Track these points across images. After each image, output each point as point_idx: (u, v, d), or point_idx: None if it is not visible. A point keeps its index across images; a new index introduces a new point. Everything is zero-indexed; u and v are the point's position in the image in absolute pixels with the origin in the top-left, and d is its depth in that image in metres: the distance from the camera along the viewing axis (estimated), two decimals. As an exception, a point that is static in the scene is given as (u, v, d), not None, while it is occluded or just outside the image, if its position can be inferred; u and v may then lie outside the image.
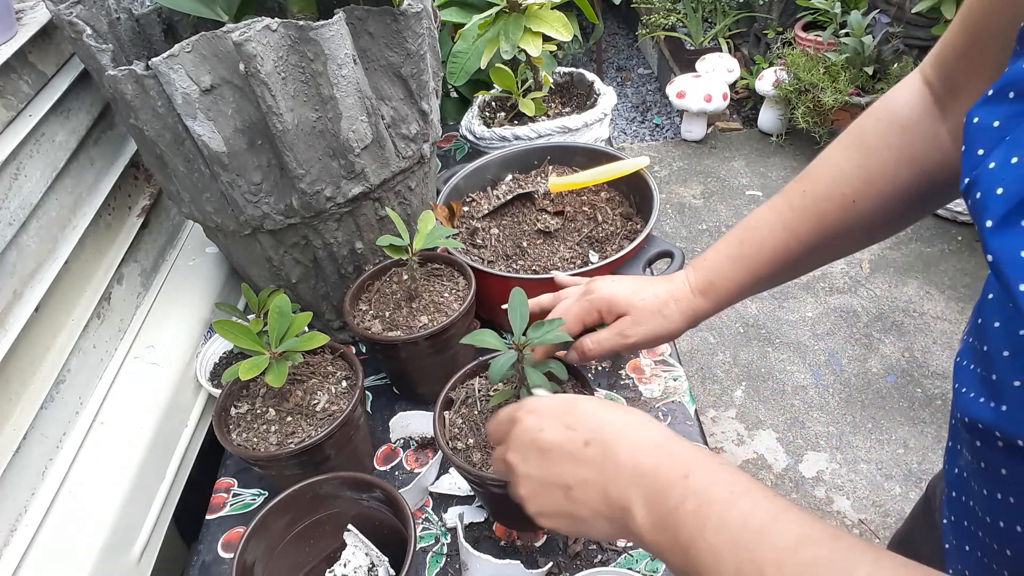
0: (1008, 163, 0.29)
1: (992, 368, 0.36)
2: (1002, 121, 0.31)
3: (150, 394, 0.81)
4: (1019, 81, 0.31)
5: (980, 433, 0.37)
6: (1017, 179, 0.28)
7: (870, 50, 2.55)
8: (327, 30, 0.68)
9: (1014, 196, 0.28)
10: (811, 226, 0.57)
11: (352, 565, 0.65)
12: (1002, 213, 0.29)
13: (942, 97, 0.51)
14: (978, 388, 0.38)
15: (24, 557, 0.64)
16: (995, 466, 0.37)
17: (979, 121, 0.33)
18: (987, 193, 0.30)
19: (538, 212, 0.99)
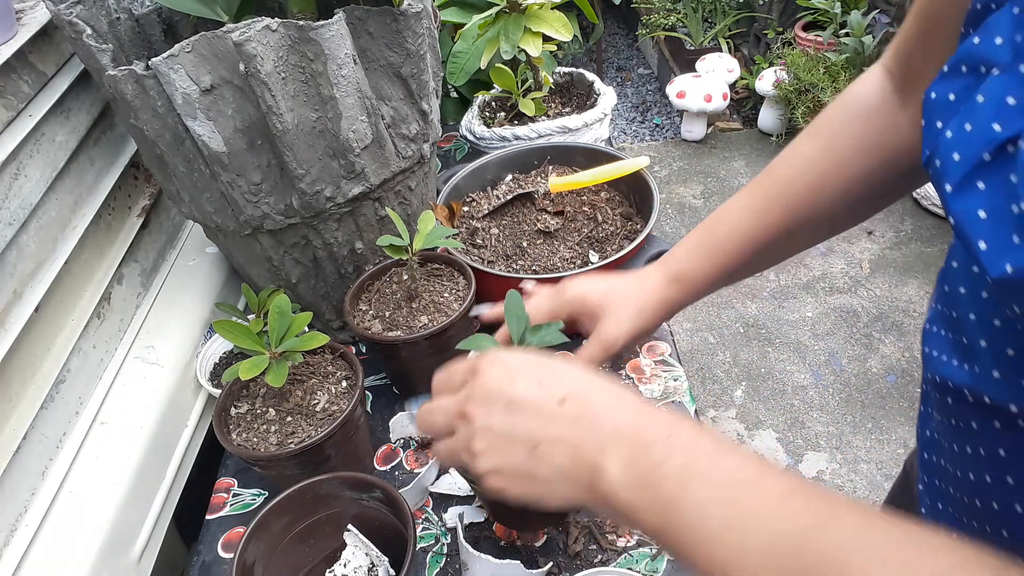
0: (963, 130, 0.31)
1: (962, 332, 0.38)
2: (956, 94, 0.33)
3: (150, 394, 0.81)
4: (970, 56, 0.33)
5: (952, 392, 0.39)
6: (972, 144, 0.30)
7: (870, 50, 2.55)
8: (327, 30, 0.68)
9: (970, 160, 0.30)
10: (778, 212, 0.58)
11: (352, 565, 0.65)
12: (960, 177, 0.30)
13: (902, 86, 0.53)
14: (949, 351, 0.39)
15: (24, 557, 0.64)
16: (966, 421, 0.39)
17: (936, 96, 0.35)
18: (945, 160, 0.31)
19: (538, 212, 0.99)
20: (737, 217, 0.60)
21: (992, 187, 0.29)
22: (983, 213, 0.29)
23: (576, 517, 0.71)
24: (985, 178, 0.29)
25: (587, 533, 0.70)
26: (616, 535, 0.69)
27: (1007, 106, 0.29)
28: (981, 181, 0.29)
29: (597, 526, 0.70)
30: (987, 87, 0.30)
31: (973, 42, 0.32)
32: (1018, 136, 0.28)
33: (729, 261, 0.61)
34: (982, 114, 0.30)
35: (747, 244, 0.60)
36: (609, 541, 0.69)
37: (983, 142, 0.29)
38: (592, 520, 0.71)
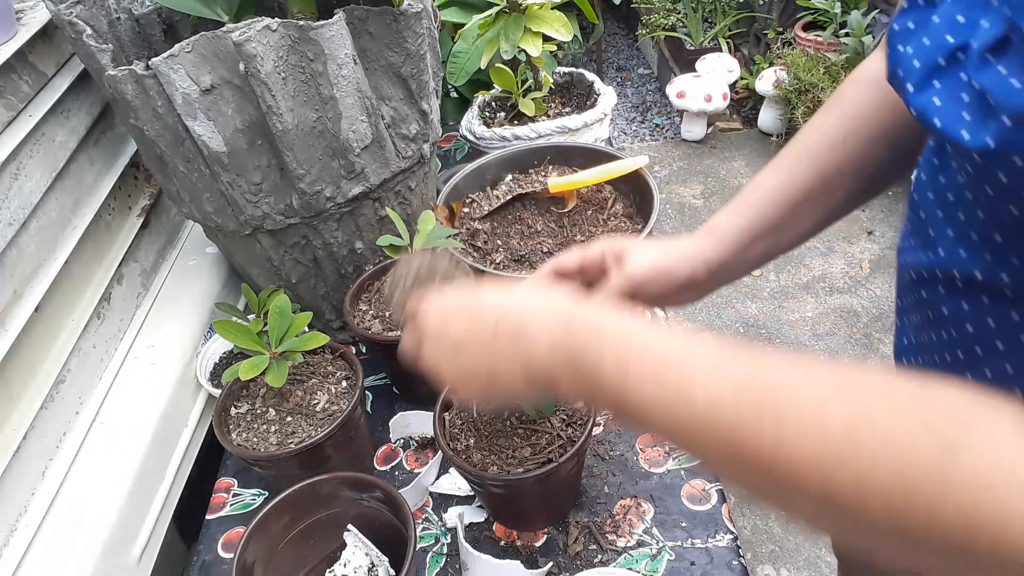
0: (922, 44, 0.38)
1: (928, 229, 0.45)
2: (915, 22, 0.39)
3: (150, 394, 0.81)
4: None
5: (923, 283, 0.45)
6: (929, 53, 0.37)
7: (870, 50, 2.55)
8: (327, 30, 0.68)
9: (927, 64, 0.37)
10: (805, 167, 0.60)
11: (352, 565, 0.65)
12: (919, 79, 0.37)
13: None
14: (918, 249, 0.46)
15: (24, 557, 0.64)
16: (937, 309, 0.45)
17: (898, 27, 0.41)
18: (907, 67, 0.38)
19: (538, 212, 0.99)
20: (767, 175, 0.62)
21: (945, 83, 0.36)
22: (937, 100, 0.36)
23: (576, 517, 0.71)
24: (940, 77, 0.36)
25: (587, 533, 0.70)
26: (616, 535, 0.69)
27: (957, 23, 0.36)
28: (936, 80, 0.36)
29: (597, 526, 0.70)
30: (940, 10, 0.37)
31: None
32: (966, 44, 0.35)
33: (763, 210, 0.61)
34: (937, 30, 0.37)
35: (778, 198, 0.61)
36: (609, 541, 0.69)
37: (938, 49, 0.36)
38: (592, 520, 0.71)
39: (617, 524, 0.70)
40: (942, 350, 0.46)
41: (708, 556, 0.66)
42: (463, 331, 0.44)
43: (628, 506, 0.71)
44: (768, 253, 0.63)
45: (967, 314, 0.43)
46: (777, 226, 0.61)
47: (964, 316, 0.43)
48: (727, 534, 0.68)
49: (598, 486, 0.74)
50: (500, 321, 0.43)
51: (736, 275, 0.63)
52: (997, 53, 0.32)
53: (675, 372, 0.35)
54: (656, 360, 0.36)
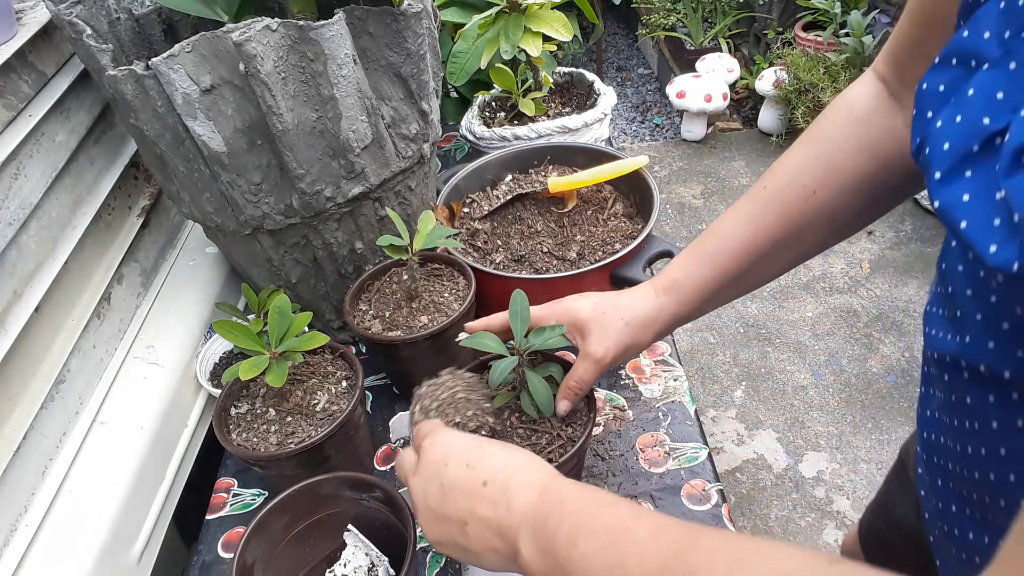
0: (953, 121, 0.32)
1: (956, 307, 0.40)
2: (947, 85, 0.35)
3: (150, 394, 0.81)
4: (960, 48, 0.34)
5: (948, 366, 0.41)
6: (962, 135, 0.31)
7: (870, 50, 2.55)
8: (327, 30, 0.68)
9: (958, 151, 0.31)
10: (774, 217, 0.57)
11: (352, 565, 0.65)
12: (948, 166, 0.32)
13: (897, 90, 0.52)
14: (945, 327, 0.42)
15: (24, 557, 0.64)
16: (961, 396, 0.41)
17: (927, 87, 0.36)
18: (934, 149, 0.33)
19: (538, 212, 0.99)
20: (730, 224, 0.59)
21: (978, 175, 0.30)
22: (967, 196, 0.30)
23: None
24: (972, 167, 0.31)
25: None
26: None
27: (996, 100, 0.30)
28: (968, 170, 0.31)
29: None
30: (977, 80, 0.32)
31: (962, 35, 0.34)
32: (1005, 129, 0.29)
33: (724, 268, 0.59)
34: (972, 106, 0.31)
35: (742, 250, 0.58)
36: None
37: (972, 133, 0.31)
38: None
39: None
40: (964, 441, 0.42)
41: (708, 556, 0.66)
42: (455, 474, 0.46)
43: (628, 506, 0.71)
44: (735, 296, 0.62)
45: (993, 409, 0.38)
46: (741, 276, 0.60)
47: (990, 410, 0.39)
48: (727, 534, 0.68)
49: (598, 486, 0.74)
50: (488, 483, 0.45)
51: (702, 315, 0.63)
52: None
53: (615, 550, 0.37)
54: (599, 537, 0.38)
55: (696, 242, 0.62)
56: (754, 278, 0.61)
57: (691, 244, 0.62)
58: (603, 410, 0.82)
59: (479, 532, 0.44)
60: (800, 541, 1.63)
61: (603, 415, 0.81)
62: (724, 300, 0.62)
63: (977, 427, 0.40)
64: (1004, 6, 0.31)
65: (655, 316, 0.61)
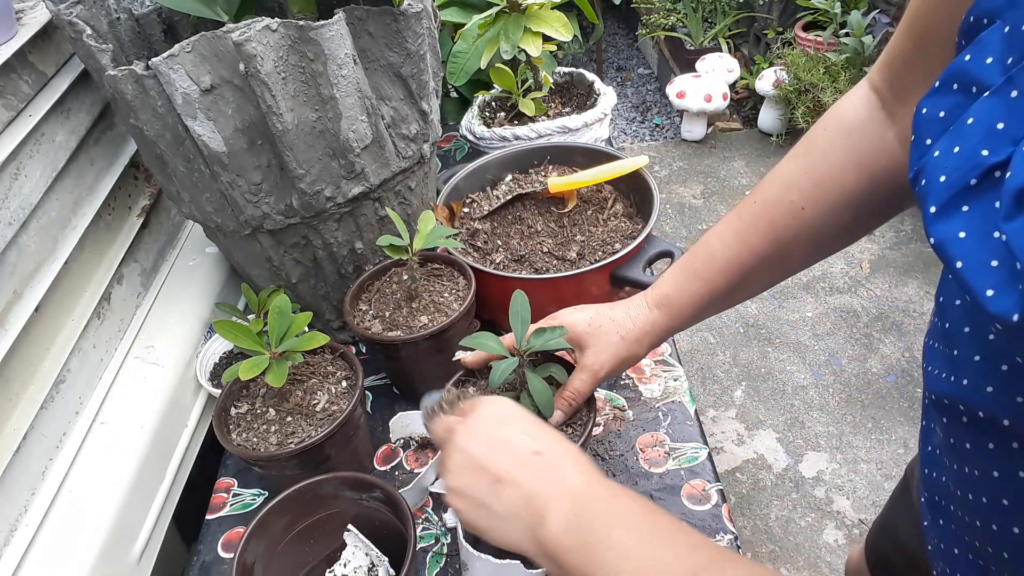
0: (951, 152, 0.31)
1: (953, 344, 0.38)
2: (947, 111, 0.33)
3: (150, 394, 0.81)
4: (961, 73, 0.32)
5: (946, 409, 0.39)
6: (958, 167, 0.30)
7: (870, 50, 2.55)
8: (327, 30, 0.68)
9: (955, 184, 0.30)
10: (761, 234, 0.57)
11: (352, 565, 0.65)
12: (944, 200, 0.30)
13: (890, 103, 0.51)
14: (942, 366, 0.40)
15: (24, 557, 0.64)
16: (960, 441, 0.39)
17: (927, 112, 0.34)
18: (931, 180, 0.31)
19: (538, 212, 0.99)
20: (719, 240, 0.60)
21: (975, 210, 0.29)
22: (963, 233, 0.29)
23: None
24: (970, 201, 0.29)
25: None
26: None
27: (996, 131, 0.29)
28: (965, 204, 0.29)
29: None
30: (977, 109, 0.30)
31: (964, 59, 0.32)
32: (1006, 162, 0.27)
33: (714, 283, 0.60)
34: (971, 137, 0.30)
35: (731, 266, 0.59)
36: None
37: (970, 166, 0.29)
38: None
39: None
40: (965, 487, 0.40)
41: (708, 556, 0.66)
42: (509, 434, 0.46)
43: (628, 506, 0.71)
44: (729, 307, 0.64)
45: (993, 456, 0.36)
46: (731, 290, 0.61)
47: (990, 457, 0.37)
48: (727, 534, 0.68)
49: (598, 486, 0.74)
50: (542, 454, 0.45)
51: (695, 324, 0.65)
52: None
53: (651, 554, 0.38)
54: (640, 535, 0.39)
55: (688, 256, 0.63)
56: (744, 291, 0.62)
57: (683, 257, 0.64)
58: (603, 410, 0.82)
59: (510, 494, 0.44)
60: (800, 541, 1.63)
61: (603, 415, 0.81)
62: (717, 311, 0.64)
63: (977, 474, 0.38)
64: (1008, 31, 0.30)
65: (648, 330, 0.64)
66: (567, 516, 0.41)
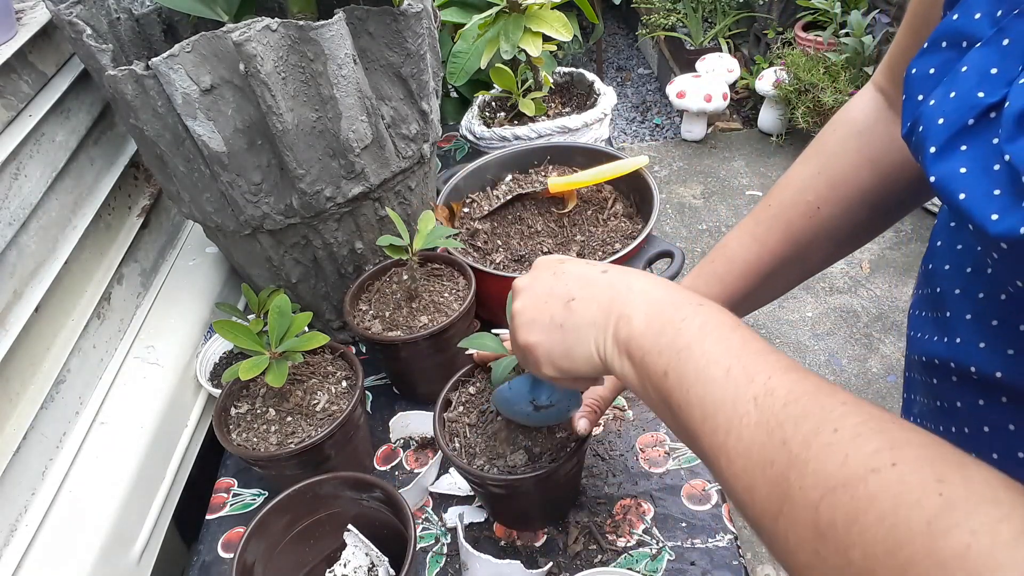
0: (947, 97, 0.32)
1: (944, 307, 0.38)
2: (937, 68, 0.34)
3: (150, 394, 0.81)
4: (950, 31, 0.34)
5: (935, 370, 0.40)
6: (956, 109, 0.31)
7: (870, 50, 2.55)
8: (327, 30, 0.68)
9: (954, 124, 0.31)
10: (779, 236, 0.58)
11: (352, 565, 0.65)
12: (944, 139, 0.31)
13: (896, 101, 0.52)
14: (931, 329, 0.40)
15: (24, 557, 0.64)
16: (951, 401, 0.39)
17: (916, 71, 0.35)
18: (929, 125, 0.32)
19: (538, 212, 0.99)
20: (737, 245, 0.60)
21: (974, 148, 0.30)
22: (964, 169, 0.30)
23: (576, 517, 0.71)
24: (968, 141, 0.30)
25: (587, 533, 0.70)
26: (616, 535, 0.69)
27: (990, 76, 0.30)
28: (964, 144, 0.30)
29: (597, 526, 0.70)
30: (970, 58, 0.31)
31: (952, 18, 0.34)
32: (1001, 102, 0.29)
33: (734, 286, 0.60)
34: (966, 82, 0.31)
35: (750, 270, 0.59)
36: (609, 541, 0.69)
37: (967, 107, 0.31)
38: (592, 520, 0.71)
39: (617, 524, 0.70)
40: None
41: (708, 556, 0.66)
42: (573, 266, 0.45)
43: (628, 506, 0.72)
44: (747, 311, 0.64)
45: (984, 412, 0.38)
46: (751, 294, 0.61)
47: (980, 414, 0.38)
48: (727, 534, 0.68)
49: (598, 486, 0.74)
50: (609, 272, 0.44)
51: None
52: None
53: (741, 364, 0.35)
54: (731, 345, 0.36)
55: (706, 262, 0.63)
56: (764, 294, 0.62)
57: (701, 264, 0.63)
58: (603, 410, 0.82)
59: (585, 306, 0.42)
60: (800, 541, 1.63)
61: (603, 415, 0.81)
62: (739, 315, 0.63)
63: (968, 432, 0.39)
64: None
65: None
66: (648, 316, 0.39)
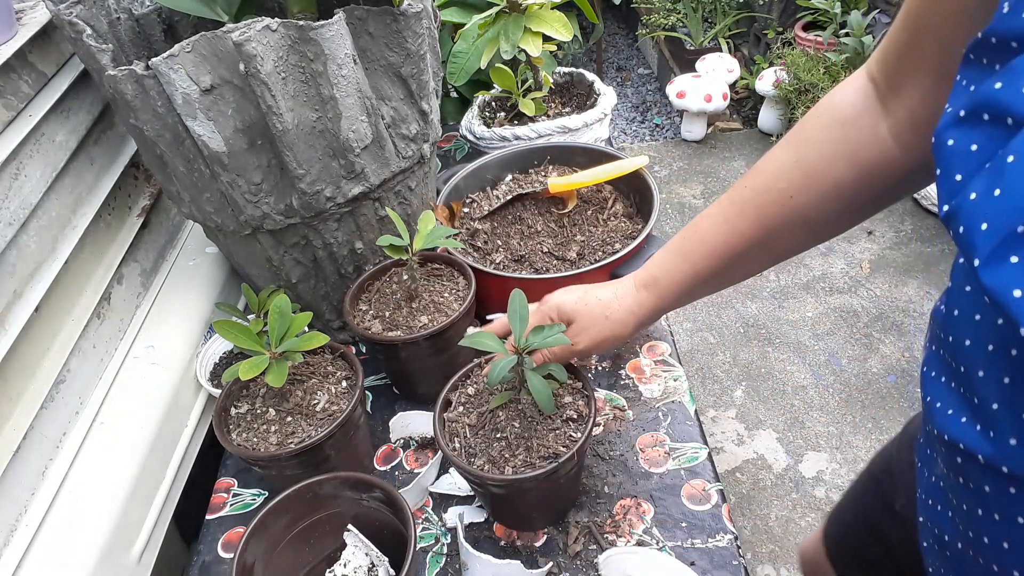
0: (991, 195, 0.28)
1: (971, 389, 0.34)
2: (979, 144, 0.30)
3: (150, 394, 0.81)
4: (991, 102, 0.30)
5: (962, 452, 0.36)
6: (1001, 213, 0.27)
7: (870, 50, 2.55)
8: (327, 30, 0.68)
9: (1000, 231, 0.27)
10: (750, 220, 0.58)
11: (352, 565, 0.65)
12: (989, 250, 0.28)
13: (885, 94, 0.51)
14: (957, 406, 0.36)
15: (24, 557, 0.64)
16: (977, 483, 0.36)
17: (954, 144, 0.32)
18: (971, 228, 0.29)
19: (538, 212, 0.99)
20: (710, 225, 0.61)
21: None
22: (1018, 292, 0.26)
23: (576, 517, 0.71)
24: (1019, 251, 0.27)
25: (587, 533, 0.70)
26: (616, 535, 0.69)
27: None
28: (1015, 255, 0.27)
29: (597, 526, 0.70)
30: (1018, 146, 0.28)
31: (994, 87, 0.30)
32: None
33: (701, 267, 0.62)
34: (1014, 178, 0.27)
35: (720, 252, 0.60)
36: (609, 541, 0.69)
37: (1016, 211, 0.27)
38: (592, 520, 0.71)
39: (617, 524, 0.70)
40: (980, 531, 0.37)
41: (708, 556, 0.66)
42: None
43: (628, 506, 0.71)
44: (716, 289, 0.65)
45: (1017, 502, 0.33)
46: (720, 274, 0.62)
47: (1013, 502, 0.33)
48: (727, 534, 0.68)
49: (598, 486, 0.74)
50: None
51: (682, 306, 0.67)
52: None
53: None
54: None
55: (678, 239, 0.64)
56: (733, 275, 0.63)
57: (673, 240, 0.65)
58: (603, 410, 0.82)
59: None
60: (800, 541, 1.63)
61: (603, 415, 0.81)
62: (704, 294, 0.65)
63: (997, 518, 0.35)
64: None
65: (635, 310, 0.66)
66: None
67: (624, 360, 0.88)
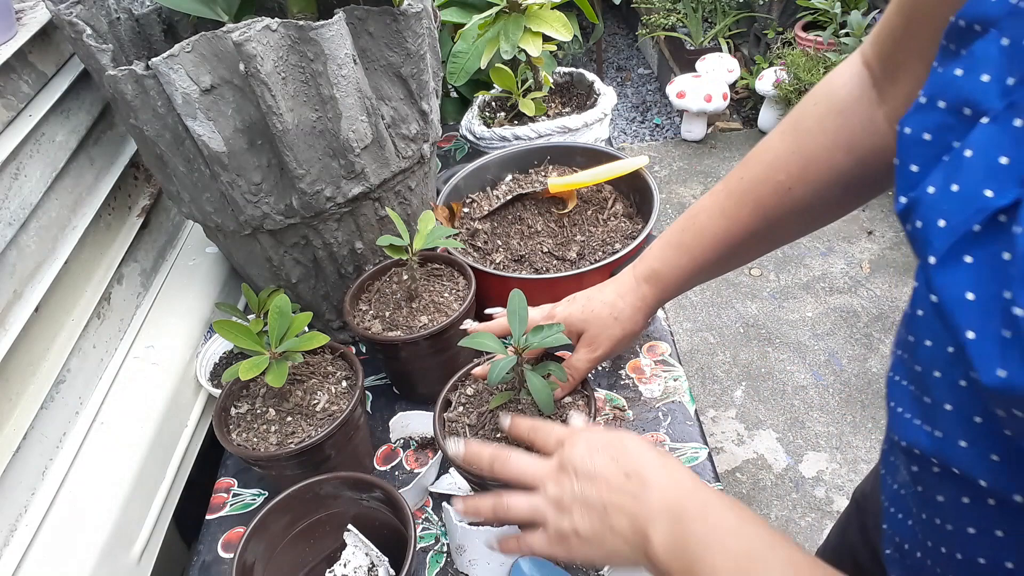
0: (948, 191, 0.27)
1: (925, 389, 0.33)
2: (933, 134, 0.29)
3: (150, 394, 0.81)
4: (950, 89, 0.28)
5: (916, 458, 0.35)
6: (959, 210, 0.26)
7: (870, 50, 2.55)
8: (327, 30, 0.68)
9: (957, 229, 0.26)
10: (748, 212, 0.58)
11: (352, 565, 0.65)
12: (945, 248, 0.26)
13: (880, 80, 0.50)
14: (913, 409, 0.35)
15: (24, 557, 0.64)
16: (931, 492, 0.35)
17: (910, 132, 0.30)
18: (928, 224, 0.27)
19: (538, 212, 0.99)
20: (708, 217, 0.61)
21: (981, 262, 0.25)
22: (971, 295, 0.25)
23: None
24: (974, 251, 0.25)
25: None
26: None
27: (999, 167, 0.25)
28: (969, 255, 0.26)
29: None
30: (976, 139, 0.26)
31: (954, 72, 0.28)
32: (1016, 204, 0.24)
33: (700, 259, 0.62)
34: (971, 174, 0.26)
35: (719, 243, 0.60)
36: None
37: (973, 210, 0.25)
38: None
39: None
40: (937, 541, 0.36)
41: (708, 556, 0.66)
42: (603, 466, 0.48)
43: (628, 506, 0.71)
44: (714, 277, 0.66)
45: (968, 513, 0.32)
46: (719, 264, 0.63)
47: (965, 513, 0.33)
48: (727, 534, 0.68)
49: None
50: (631, 476, 0.46)
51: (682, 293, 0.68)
52: None
53: None
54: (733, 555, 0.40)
55: (674, 231, 0.64)
56: (731, 264, 0.63)
57: (669, 231, 0.65)
58: (603, 410, 0.82)
59: (616, 519, 0.46)
60: (800, 541, 1.63)
61: (603, 415, 0.81)
62: (703, 281, 0.66)
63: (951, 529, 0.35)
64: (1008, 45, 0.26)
65: (640, 305, 0.67)
66: (666, 536, 0.43)
67: (624, 360, 0.88)
